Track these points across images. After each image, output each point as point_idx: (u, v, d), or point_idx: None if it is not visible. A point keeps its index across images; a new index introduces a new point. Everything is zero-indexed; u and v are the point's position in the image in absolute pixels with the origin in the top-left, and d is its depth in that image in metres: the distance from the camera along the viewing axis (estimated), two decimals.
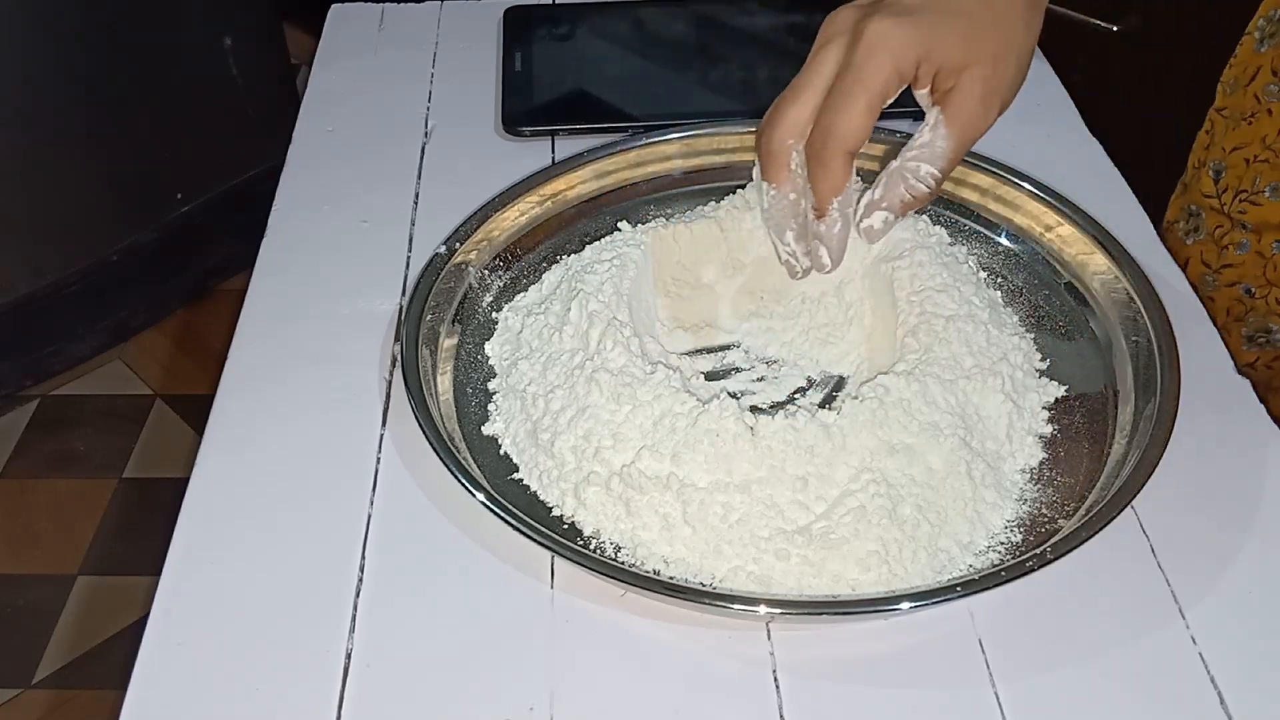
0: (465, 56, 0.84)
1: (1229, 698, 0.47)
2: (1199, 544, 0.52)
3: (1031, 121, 0.77)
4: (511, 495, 0.53)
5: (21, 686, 1.42)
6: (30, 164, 1.64)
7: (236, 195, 1.89)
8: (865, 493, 0.50)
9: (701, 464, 0.51)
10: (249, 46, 1.82)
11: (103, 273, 1.78)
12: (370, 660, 0.48)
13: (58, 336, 1.79)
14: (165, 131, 1.76)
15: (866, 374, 0.57)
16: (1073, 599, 0.50)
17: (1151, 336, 0.57)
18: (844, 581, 0.49)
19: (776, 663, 0.48)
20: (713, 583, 0.49)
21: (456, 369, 0.60)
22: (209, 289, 1.94)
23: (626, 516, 0.51)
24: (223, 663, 0.48)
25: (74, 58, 1.61)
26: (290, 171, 0.74)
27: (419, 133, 0.77)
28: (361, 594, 0.50)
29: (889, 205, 0.54)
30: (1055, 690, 0.47)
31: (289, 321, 0.63)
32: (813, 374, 0.59)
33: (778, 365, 0.60)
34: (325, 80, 0.83)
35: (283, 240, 0.69)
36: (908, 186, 0.53)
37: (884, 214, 0.54)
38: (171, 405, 1.78)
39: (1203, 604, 0.50)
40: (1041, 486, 0.54)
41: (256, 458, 0.56)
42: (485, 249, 0.64)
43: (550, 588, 0.51)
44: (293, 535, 0.53)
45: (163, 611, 0.50)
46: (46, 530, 1.61)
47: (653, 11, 0.88)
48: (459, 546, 0.52)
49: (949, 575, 0.49)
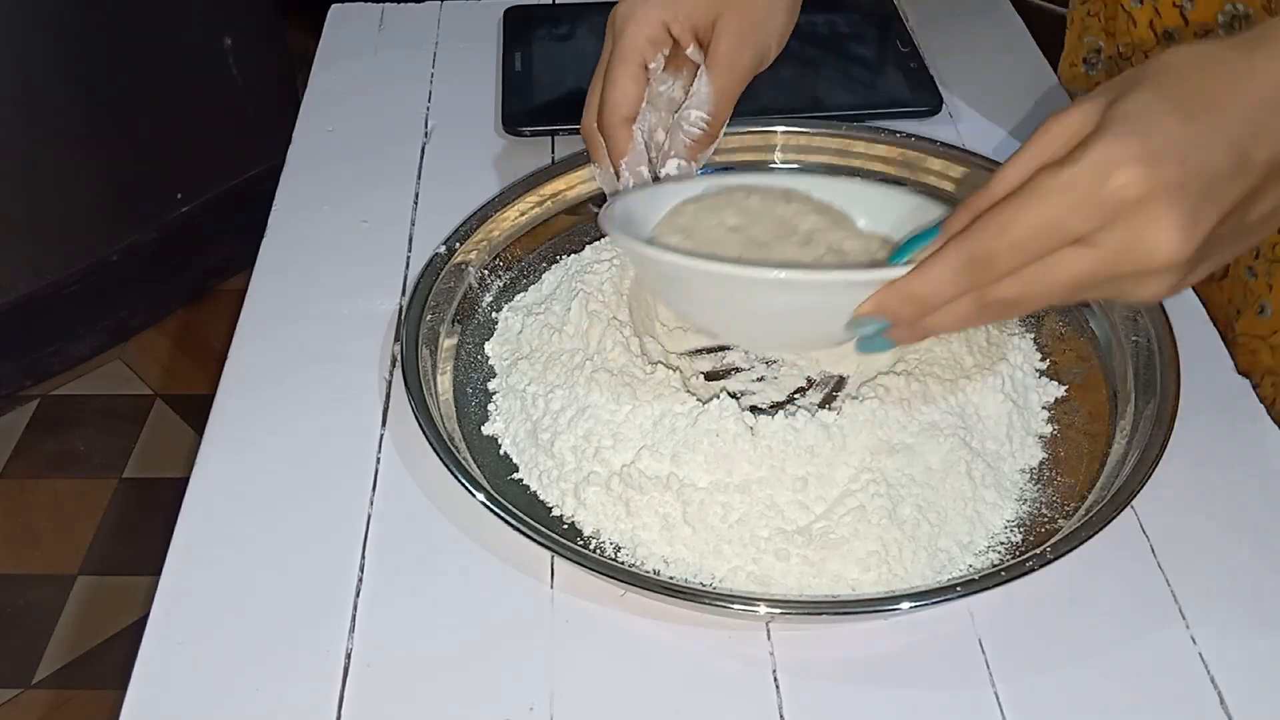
0: (465, 56, 0.84)
1: (1229, 698, 0.47)
2: (1199, 544, 0.52)
3: (1032, 122, 0.77)
4: (511, 495, 0.53)
5: (21, 686, 1.42)
6: (30, 164, 1.64)
7: (236, 195, 1.89)
8: (865, 493, 0.50)
9: (701, 464, 0.51)
10: (249, 46, 1.82)
11: (103, 273, 1.78)
12: (370, 660, 0.48)
13: (58, 336, 1.79)
14: (165, 131, 1.76)
15: (866, 374, 0.57)
16: (1073, 599, 0.50)
17: (1151, 336, 0.57)
18: (844, 581, 0.49)
19: (776, 663, 0.48)
20: (713, 583, 0.49)
21: (456, 369, 0.60)
22: (209, 289, 1.94)
23: (626, 516, 0.51)
24: (223, 663, 0.48)
25: (74, 58, 1.61)
26: (290, 171, 0.74)
27: (419, 133, 0.77)
28: (361, 594, 0.50)
29: (676, 152, 0.59)
30: (1055, 690, 0.47)
31: (289, 321, 0.63)
32: (813, 374, 0.59)
33: (777, 365, 0.60)
34: (325, 80, 0.83)
35: (283, 240, 0.69)
36: (685, 133, 0.58)
37: (675, 160, 0.59)
38: (171, 405, 1.78)
39: (1203, 604, 0.50)
40: (1041, 486, 0.54)
41: (256, 458, 0.56)
42: (485, 249, 0.64)
43: (550, 588, 0.51)
44: (293, 535, 0.53)
45: (163, 611, 0.50)
46: (46, 530, 1.61)
47: None
48: (459, 546, 0.52)
49: (949, 575, 0.49)
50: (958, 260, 0.42)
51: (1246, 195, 0.41)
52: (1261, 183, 0.41)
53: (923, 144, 0.69)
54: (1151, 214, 0.39)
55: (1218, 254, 0.42)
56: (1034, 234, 0.40)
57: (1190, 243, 0.40)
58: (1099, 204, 0.39)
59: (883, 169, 0.70)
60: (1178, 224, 0.39)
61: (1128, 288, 0.42)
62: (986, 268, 0.41)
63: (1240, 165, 0.40)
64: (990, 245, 0.41)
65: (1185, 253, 0.40)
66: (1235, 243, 0.43)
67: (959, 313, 0.43)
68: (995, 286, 0.42)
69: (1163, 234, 0.39)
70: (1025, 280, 0.41)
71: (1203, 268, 0.42)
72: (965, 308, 0.43)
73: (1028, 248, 0.41)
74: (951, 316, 0.43)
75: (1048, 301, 0.42)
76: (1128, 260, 0.40)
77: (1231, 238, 0.42)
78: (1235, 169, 0.40)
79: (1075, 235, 0.40)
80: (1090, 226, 0.40)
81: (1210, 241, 0.41)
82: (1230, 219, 0.41)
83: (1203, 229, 0.40)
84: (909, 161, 0.69)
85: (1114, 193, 0.39)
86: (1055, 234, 0.40)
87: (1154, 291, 0.42)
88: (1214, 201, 0.40)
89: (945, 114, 0.77)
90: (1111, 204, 0.39)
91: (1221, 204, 0.40)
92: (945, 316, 0.43)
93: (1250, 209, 0.41)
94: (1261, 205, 0.42)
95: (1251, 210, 0.42)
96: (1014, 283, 0.41)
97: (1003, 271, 0.41)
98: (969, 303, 0.43)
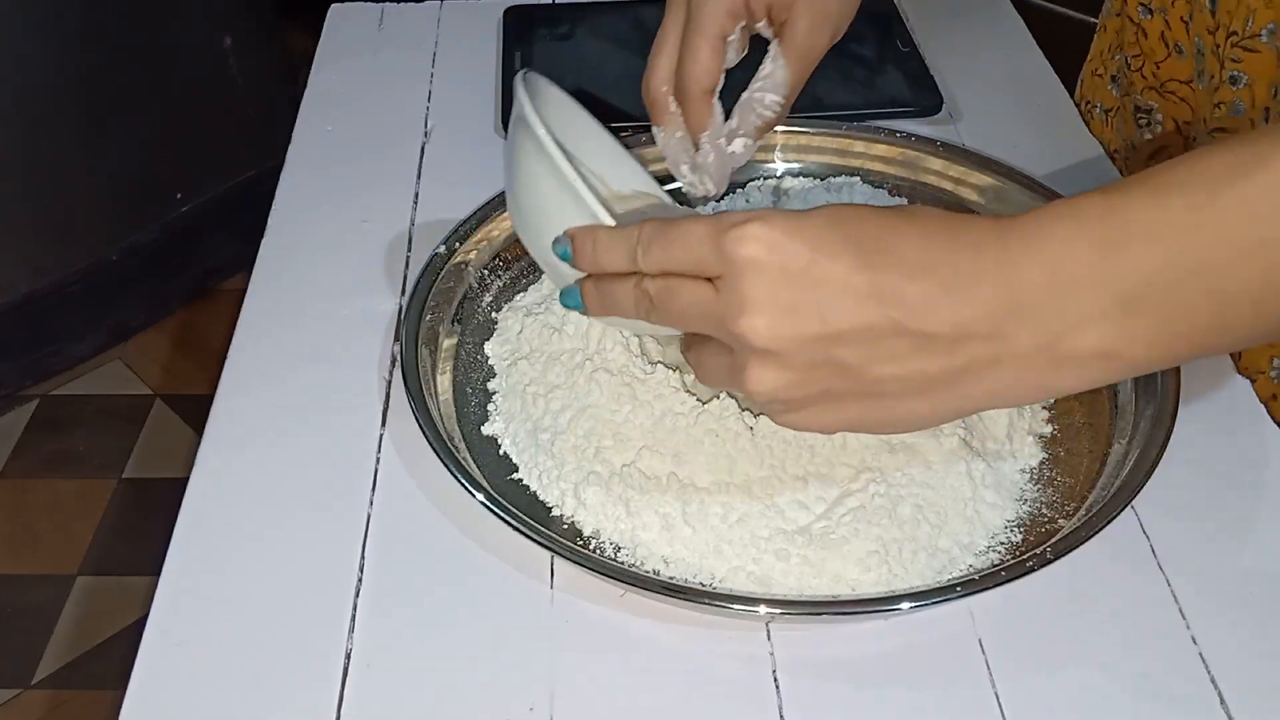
0: (465, 56, 0.84)
1: (1229, 698, 0.46)
2: (1199, 544, 0.52)
3: (1032, 121, 0.77)
4: (511, 495, 0.53)
5: (21, 686, 1.42)
6: (30, 164, 1.64)
7: (236, 195, 1.89)
8: (865, 492, 0.50)
9: (702, 464, 0.51)
10: (249, 46, 1.82)
11: (103, 273, 1.78)
12: (370, 660, 0.48)
13: (58, 336, 1.79)
14: (165, 131, 1.76)
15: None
16: (1073, 599, 0.50)
17: None
18: (844, 581, 0.49)
19: (776, 663, 0.48)
20: (713, 583, 0.49)
21: (456, 369, 0.60)
22: (209, 289, 1.94)
23: (626, 516, 0.51)
24: (223, 663, 0.48)
25: (74, 58, 1.61)
26: (290, 171, 0.74)
27: (419, 133, 0.77)
28: (361, 594, 0.50)
29: (745, 131, 0.58)
30: (1055, 690, 0.47)
31: (289, 321, 0.63)
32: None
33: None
34: (325, 80, 0.83)
35: (283, 240, 0.69)
36: (758, 114, 0.58)
37: (743, 139, 0.58)
38: (171, 405, 1.78)
39: (1203, 604, 0.50)
40: (1041, 486, 0.54)
41: (256, 458, 0.56)
42: (485, 249, 0.64)
43: (550, 588, 0.51)
44: (292, 535, 0.53)
45: (162, 611, 0.50)
46: (46, 530, 1.61)
47: (653, 11, 0.87)
48: (459, 546, 0.52)
49: (949, 575, 0.49)
50: (631, 239, 0.44)
51: (866, 333, 0.40)
52: (888, 335, 0.40)
53: (923, 144, 0.69)
54: (752, 281, 0.40)
55: (839, 386, 0.42)
56: (677, 250, 0.43)
57: (777, 330, 0.40)
58: (722, 248, 0.41)
59: (882, 169, 0.70)
60: (771, 303, 0.40)
61: (739, 360, 0.42)
62: (645, 256, 0.43)
63: (869, 299, 0.40)
64: (649, 239, 0.43)
65: (770, 339, 0.40)
66: (861, 387, 0.41)
67: (620, 289, 0.45)
68: (648, 280, 0.44)
69: (754, 307, 0.40)
70: (662, 287, 0.43)
71: (830, 402, 0.42)
72: (625, 287, 0.45)
73: (672, 259, 0.43)
74: (615, 291, 0.46)
75: (675, 320, 0.44)
76: (728, 317, 0.41)
77: (849, 376, 0.41)
78: (862, 299, 0.40)
79: (707, 271, 0.42)
80: (718, 269, 0.41)
81: (820, 362, 0.41)
82: (843, 349, 0.40)
83: (798, 329, 0.40)
84: (909, 161, 0.69)
85: (734, 244, 0.41)
86: (691, 261, 0.42)
87: (756, 382, 0.42)
88: (821, 311, 0.40)
89: (945, 114, 0.77)
90: (728, 253, 0.41)
91: (830, 320, 0.40)
92: (611, 290, 0.46)
93: (873, 356, 0.41)
94: (887, 363, 0.41)
95: (875, 361, 0.41)
96: (656, 284, 0.44)
97: (650, 267, 0.44)
98: (628, 285, 0.45)
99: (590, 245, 0.46)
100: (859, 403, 0.42)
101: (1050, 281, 0.39)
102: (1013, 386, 0.41)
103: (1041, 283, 0.39)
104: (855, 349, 0.40)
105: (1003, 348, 0.40)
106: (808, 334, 0.40)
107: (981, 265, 0.40)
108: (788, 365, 0.41)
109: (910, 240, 0.40)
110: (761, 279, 0.40)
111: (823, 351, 0.41)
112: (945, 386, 0.41)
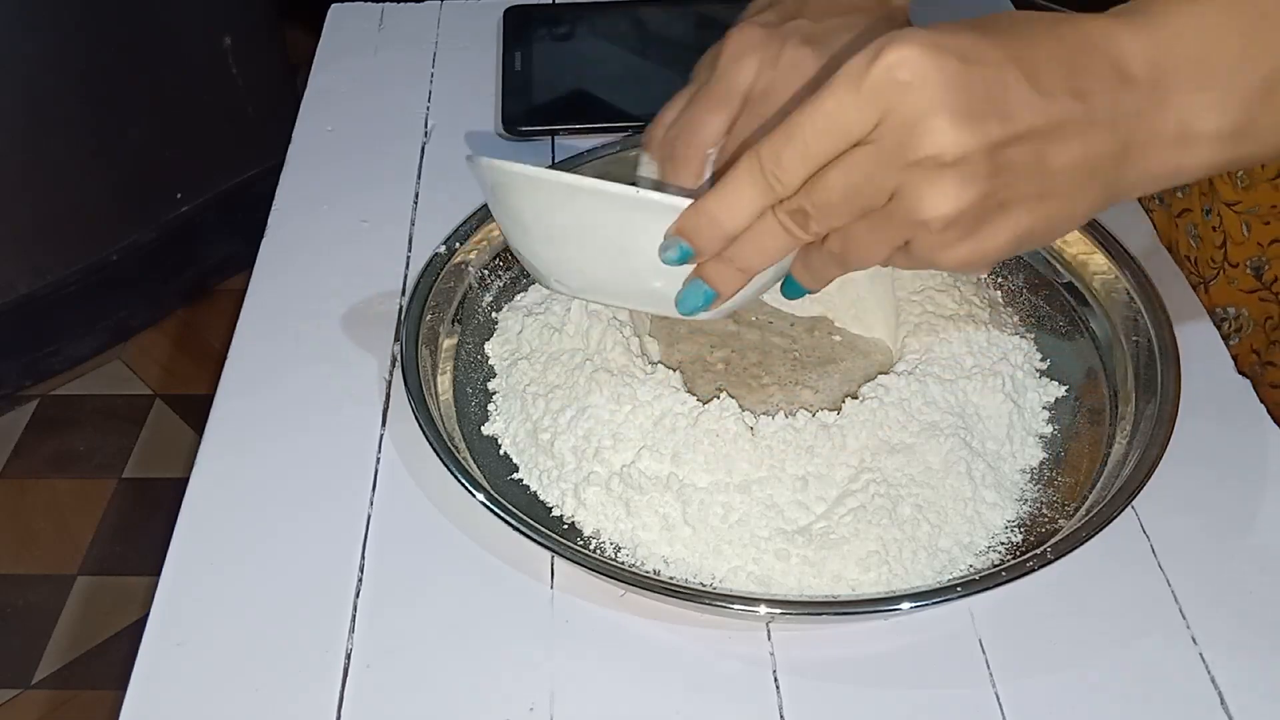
0: (465, 56, 0.84)
1: (1229, 698, 0.47)
2: (1199, 544, 0.52)
3: None
4: (511, 495, 0.53)
5: (21, 687, 1.42)
6: (30, 164, 1.64)
7: (236, 195, 1.89)
8: (865, 492, 0.50)
9: (701, 464, 0.51)
10: (249, 46, 1.82)
11: (103, 273, 1.78)
12: (370, 660, 0.48)
13: (58, 336, 1.79)
14: (165, 131, 1.76)
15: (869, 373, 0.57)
16: (1073, 599, 0.50)
17: (1151, 336, 0.57)
18: (844, 581, 0.49)
19: (776, 663, 0.48)
20: (713, 583, 0.49)
21: (456, 369, 0.60)
22: (209, 289, 1.94)
23: (626, 516, 0.51)
24: (223, 663, 0.48)
25: (74, 58, 1.61)
26: (290, 171, 0.74)
27: (419, 133, 0.77)
28: (361, 594, 0.50)
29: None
30: (1055, 690, 0.47)
31: (289, 321, 0.63)
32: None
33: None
34: (325, 80, 0.83)
35: (283, 240, 0.69)
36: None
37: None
38: (171, 405, 1.78)
39: (1203, 604, 0.50)
40: (1041, 486, 0.54)
41: (256, 458, 0.56)
42: (485, 249, 0.64)
43: (550, 588, 0.51)
44: (292, 535, 0.53)
45: (162, 611, 0.50)
46: (46, 530, 1.61)
47: (653, 11, 0.88)
48: (459, 546, 0.52)
49: (949, 575, 0.49)
50: (748, 169, 0.39)
51: (1043, 129, 0.38)
52: (1063, 124, 0.38)
53: None
54: (925, 96, 0.37)
55: (1017, 192, 0.39)
56: (816, 133, 0.38)
57: (971, 138, 0.37)
58: (870, 88, 0.37)
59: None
60: (952, 109, 0.37)
61: (910, 197, 0.38)
62: (776, 175, 0.39)
63: (1037, 93, 0.38)
64: (777, 149, 0.39)
65: (966, 146, 0.37)
66: (1037, 187, 0.39)
67: (763, 234, 0.41)
68: (791, 199, 0.39)
69: (937, 120, 0.37)
70: (817, 188, 0.39)
71: (1004, 215, 0.39)
72: (768, 227, 0.40)
73: (813, 149, 0.38)
74: (757, 242, 0.41)
75: (844, 211, 0.39)
76: (907, 151, 0.37)
77: (1029, 176, 0.39)
78: (1030, 94, 0.38)
79: (856, 132, 0.38)
80: (867, 118, 0.38)
81: (1002, 166, 0.38)
82: (1024, 147, 0.38)
83: (986, 134, 0.37)
84: None
85: (883, 73, 0.37)
86: (836, 131, 0.38)
87: (939, 204, 0.38)
88: (999, 112, 0.37)
89: None
90: (882, 87, 0.37)
91: (1009, 120, 0.37)
92: (751, 244, 0.41)
93: (1050, 148, 0.38)
94: (1064, 152, 0.39)
95: (1052, 151, 0.38)
96: (807, 193, 0.39)
97: (792, 178, 0.39)
98: (771, 222, 0.40)
99: (706, 221, 0.41)
100: (1032, 208, 0.39)
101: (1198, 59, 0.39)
102: (1153, 168, 0.40)
103: (1190, 59, 0.39)
104: (1032, 146, 0.38)
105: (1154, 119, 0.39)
106: (991, 137, 0.37)
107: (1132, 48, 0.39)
108: (970, 177, 0.38)
109: (1042, 28, 0.39)
110: (925, 94, 0.36)
111: (1002, 154, 0.38)
112: (1113, 165, 0.39)
